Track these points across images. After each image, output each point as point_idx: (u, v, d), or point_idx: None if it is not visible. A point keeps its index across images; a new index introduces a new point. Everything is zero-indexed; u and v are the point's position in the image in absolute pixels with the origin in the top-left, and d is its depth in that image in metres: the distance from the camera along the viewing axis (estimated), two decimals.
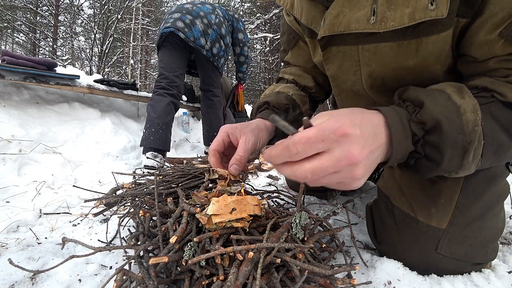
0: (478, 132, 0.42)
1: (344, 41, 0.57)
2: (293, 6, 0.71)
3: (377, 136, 0.41)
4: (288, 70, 0.88)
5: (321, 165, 0.36)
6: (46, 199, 1.05)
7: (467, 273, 0.61)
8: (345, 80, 0.66)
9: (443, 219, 0.57)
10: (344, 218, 0.89)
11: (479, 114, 0.43)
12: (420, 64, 0.52)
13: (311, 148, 0.36)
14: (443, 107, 0.43)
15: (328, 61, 0.64)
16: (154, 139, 1.59)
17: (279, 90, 0.79)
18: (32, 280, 0.55)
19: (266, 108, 0.75)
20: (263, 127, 0.68)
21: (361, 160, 0.36)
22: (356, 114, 0.40)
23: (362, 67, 0.59)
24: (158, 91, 1.75)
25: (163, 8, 17.25)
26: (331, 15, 0.56)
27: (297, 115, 0.77)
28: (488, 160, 0.46)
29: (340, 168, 0.36)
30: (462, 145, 0.42)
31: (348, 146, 0.36)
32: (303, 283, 0.47)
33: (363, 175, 0.38)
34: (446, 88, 0.46)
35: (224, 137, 0.61)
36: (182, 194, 0.63)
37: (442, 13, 0.44)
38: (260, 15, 12.94)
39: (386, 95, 0.62)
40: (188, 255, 0.47)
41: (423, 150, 0.45)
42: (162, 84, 1.76)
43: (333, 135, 0.36)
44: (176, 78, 1.81)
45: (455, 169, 0.45)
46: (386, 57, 0.54)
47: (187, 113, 3.17)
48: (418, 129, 0.44)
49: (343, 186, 0.40)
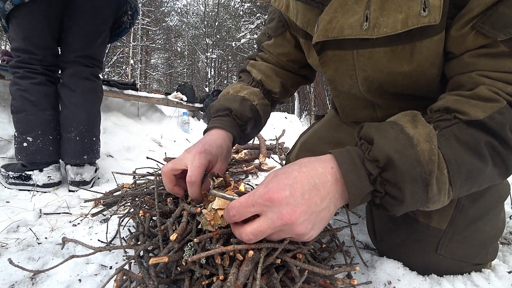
0: (435, 162, 0.39)
1: (339, 45, 0.57)
2: (289, 8, 0.70)
3: (320, 186, 0.41)
4: (258, 66, 0.82)
5: (259, 227, 0.40)
6: (46, 199, 1.05)
7: (467, 273, 0.61)
8: (342, 83, 0.66)
9: (443, 220, 0.57)
10: (344, 218, 0.89)
11: (435, 142, 0.40)
12: (415, 70, 0.52)
13: (245, 212, 0.41)
14: (394, 141, 0.40)
15: (325, 64, 0.64)
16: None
17: (244, 97, 0.73)
18: (32, 280, 0.55)
19: (228, 115, 0.70)
20: (230, 147, 0.68)
21: (294, 220, 0.39)
22: (291, 173, 0.41)
23: (357, 72, 0.59)
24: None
25: (163, 8, 17.26)
26: (324, 20, 0.56)
27: (255, 126, 0.75)
28: (463, 187, 0.42)
29: (278, 228, 0.40)
30: (422, 177, 0.39)
31: (278, 209, 0.39)
32: (303, 283, 0.47)
33: (308, 229, 0.41)
34: (400, 119, 0.44)
35: (206, 165, 0.57)
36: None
37: (435, 20, 0.44)
38: (260, 15, 12.95)
39: (383, 97, 0.62)
40: (188, 255, 0.47)
41: (383, 188, 0.42)
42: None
43: (261, 200, 0.39)
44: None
45: (423, 204, 0.42)
46: (380, 62, 0.54)
47: (187, 113, 3.17)
48: (373, 168, 0.41)
49: (297, 240, 0.43)
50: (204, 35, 16.94)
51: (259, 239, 0.41)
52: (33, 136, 1.12)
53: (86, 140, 1.22)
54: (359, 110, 0.73)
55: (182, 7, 19.77)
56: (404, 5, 0.46)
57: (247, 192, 0.44)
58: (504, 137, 0.40)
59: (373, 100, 0.65)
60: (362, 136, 0.45)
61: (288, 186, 0.40)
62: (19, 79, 1.13)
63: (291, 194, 0.39)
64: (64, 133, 1.20)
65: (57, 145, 1.18)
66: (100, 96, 1.33)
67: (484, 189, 0.57)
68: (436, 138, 0.40)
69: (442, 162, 0.40)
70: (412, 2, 0.45)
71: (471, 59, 0.45)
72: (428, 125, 0.42)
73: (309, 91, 11.43)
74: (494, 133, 0.40)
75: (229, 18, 17.44)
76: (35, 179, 1.12)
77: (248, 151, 1.80)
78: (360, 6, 0.51)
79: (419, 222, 0.58)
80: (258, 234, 0.40)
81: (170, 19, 18.81)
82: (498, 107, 0.40)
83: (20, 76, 1.13)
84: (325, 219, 0.43)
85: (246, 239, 0.41)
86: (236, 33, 16.62)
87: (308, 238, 0.42)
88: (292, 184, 0.40)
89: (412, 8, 0.45)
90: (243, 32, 14.44)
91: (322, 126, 1.00)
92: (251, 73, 0.83)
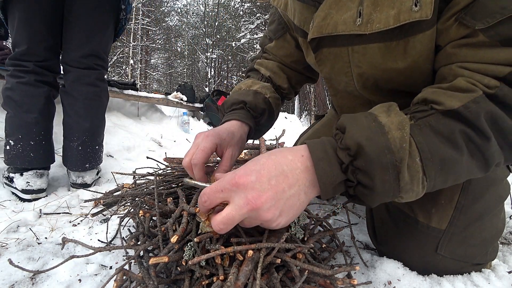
0: (406, 149, 0.39)
1: (334, 42, 0.58)
2: (287, 7, 0.71)
3: (288, 173, 0.41)
4: (265, 64, 0.85)
5: (228, 215, 0.40)
6: (46, 199, 1.05)
7: (467, 273, 0.61)
8: (338, 81, 0.66)
9: (443, 220, 0.57)
10: (344, 218, 0.89)
11: (407, 130, 0.40)
12: (410, 66, 0.52)
13: (215, 198, 0.42)
14: (365, 129, 0.41)
15: (321, 62, 0.64)
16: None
17: (256, 90, 0.75)
18: (32, 280, 0.55)
19: (242, 108, 0.72)
20: (244, 136, 0.68)
21: (260, 205, 0.39)
22: (259, 160, 0.42)
23: (352, 69, 0.59)
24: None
25: (163, 8, 17.27)
26: (319, 17, 0.56)
27: (269, 118, 0.77)
28: (438, 178, 0.42)
29: (246, 214, 0.40)
30: (393, 165, 0.39)
31: (244, 194, 0.40)
32: (303, 283, 0.47)
33: (275, 216, 0.41)
34: (375, 110, 0.44)
35: (213, 149, 0.58)
36: (182, 194, 0.63)
37: (427, 14, 0.44)
38: (260, 15, 12.95)
39: (380, 94, 0.62)
40: (188, 255, 0.47)
41: (354, 177, 0.42)
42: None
43: (228, 185, 0.41)
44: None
45: (395, 193, 0.41)
46: (375, 58, 0.54)
47: (187, 113, 3.17)
48: (345, 156, 0.41)
49: (268, 226, 0.43)
50: (204, 35, 16.94)
51: (230, 227, 0.41)
52: (14, 139, 1.04)
53: (88, 149, 1.18)
54: (357, 108, 0.73)
55: (182, 7, 19.77)
56: (396, 0, 0.46)
57: None
58: (479, 126, 0.40)
59: (369, 98, 0.65)
60: (337, 126, 0.45)
61: (254, 171, 0.40)
62: (8, 77, 1.08)
63: (257, 179, 0.40)
64: (66, 140, 1.17)
65: (42, 151, 1.08)
66: (105, 101, 1.26)
67: (484, 189, 0.58)
68: (409, 127, 0.41)
69: (415, 150, 0.40)
70: None
71: (453, 49, 0.45)
72: (402, 113, 0.42)
73: (309, 91, 11.43)
74: (468, 122, 0.40)
75: (229, 18, 17.43)
76: (16, 183, 1.04)
77: (248, 151, 1.80)
78: (353, 3, 0.51)
79: (419, 222, 0.58)
80: (228, 222, 0.40)
81: (170, 19, 18.83)
82: (473, 96, 0.40)
83: (9, 74, 1.08)
84: (295, 207, 0.43)
85: (217, 229, 0.41)
86: (236, 33, 16.61)
87: (276, 225, 0.43)
88: (259, 170, 0.40)
89: (404, 3, 0.45)
90: (243, 32, 14.43)
91: (322, 126, 1.00)
92: (259, 70, 0.84)
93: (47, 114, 1.11)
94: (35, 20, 1.05)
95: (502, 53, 0.40)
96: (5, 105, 1.07)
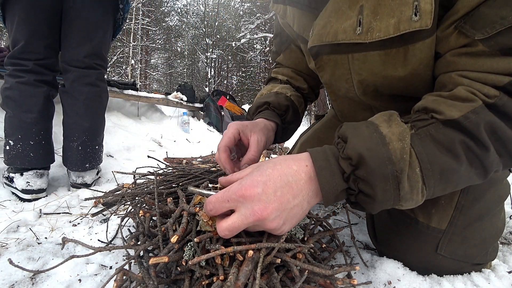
0: (407, 160, 0.40)
1: (334, 50, 0.58)
2: (286, 13, 0.71)
3: (292, 183, 0.42)
4: (281, 71, 0.88)
5: (234, 223, 0.42)
6: (46, 199, 1.05)
7: (467, 273, 0.61)
8: (338, 87, 0.66)
9: (443, 220, 0.57)
10: (344, 218, 0.90)
11: (407, 140, 0.41)
12: (410, 73, 0.52)
13: (221, 207, 0.43)
14: (367, 139, 0.41)
15: (321, 69, 0.65)
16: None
17: (277, 91, 0.78)
18: (32, 280, 0.55)
19: (267, 109, 0.74)
20: (270, 128, 0.69)
21: (266, 216, 0.40)
22: (265, 170, 0.43)
23: (353, 76, 0.59)
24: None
25: (163, 8, 17.27)
26: (318, 25, 0.56)
27: (294, 115, 0.78)
28: (438, 186, 0.43)
29: (251, 223, 0.41)
30: (394, 175, 0.40)
31: (250, 205, 0.41)
32: (303, 283, 0.47)
33: (280, 225, 0.42)
34: (377, 119, 0.45)
35: (235, 134, 0.61)
36: (182, 194, 0.63)
37: (427, 24, 0.44)
38: (260, 15, 12.95)
39: (380, 100, 0.62)
40: (188, 255, 0.47)
41: (356, 186, 0.42)
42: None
43: (235, 196, 0.41)
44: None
45: (395, 202, 0.42)
46: (375, 65, 0.54)
47: (187, 113, 3.17)
48: (346, 166, 0.42)
49: (271, 232, 0.44)
50: (204, 35, 16.94)
51: (235, 234, 0.43)
52: (14, 139, 1.04)
53: (88, 149, 1.18)
54: (357, 113, 0.74)
55: (182, 7, 19.77)
56: (396, 9, 0.46)
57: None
58: (478, 137, 0.41)
59: (370, 103, 0.65)
60: (339, 135, 0.46)
61: (261, 183, 0.41)
62: (7, 77, 1.07)
63: (264, 191, 0.40)
64: (66, 140, 1.17)
65: (41, 151, 1.08)
66: (105, 101, 1.25)
67: (484, 189, 0.58)
68: (410, 137, 0.41)
69: (415, 161, 0.41)
70: (404, 7, 0.45)
71: (453, 57, 0.46)
72: (403, 124, 0.43)
73: None
74: (468, 132, 0.41)
75: (229, 18, 17.45)
76: (16, 183, 1.04)
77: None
78: (353, 11, 0.51)
79: (419, 222, 0.58)
80: (233, 229, 0.42)
81: (170, 19, 18.83)
82: (473, 106, 0.41)
83: (8, 74, 1.07)
84: (298, 216, 0.44)
85: (223, 234, 0.43)
86: (236, 33, 16.62)
87: (280, 232, 0.44)
88: (265, 181, 0.41)
89: (404, 12, 0.45)
90: (243, 32, 14.44)
91: (322, 126, 1.00)
92: (277, 77, 0.88)
93: (47, 114, 1.10)
94: (35, 18, 1.04)
95: (502, 62, 0.41)
96: (4, 105, 1.06)
